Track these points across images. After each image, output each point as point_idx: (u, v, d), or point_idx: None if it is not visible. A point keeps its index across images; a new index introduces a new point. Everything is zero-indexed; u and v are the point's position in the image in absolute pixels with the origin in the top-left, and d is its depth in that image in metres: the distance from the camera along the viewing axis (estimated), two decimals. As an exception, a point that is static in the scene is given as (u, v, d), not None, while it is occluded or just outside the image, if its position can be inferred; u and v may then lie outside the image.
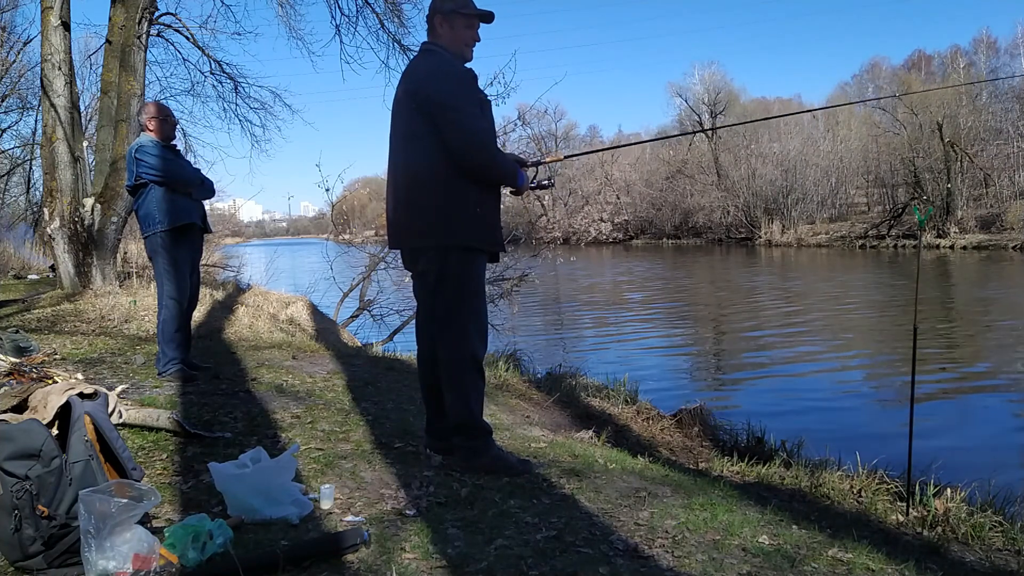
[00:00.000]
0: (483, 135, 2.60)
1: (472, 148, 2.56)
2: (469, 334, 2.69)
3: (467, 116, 2.56)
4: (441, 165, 2.57)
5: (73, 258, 8.03)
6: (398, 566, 1.91)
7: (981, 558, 2.41)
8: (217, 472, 2.27)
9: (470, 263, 2.67)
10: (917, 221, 3.24)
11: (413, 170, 2.66)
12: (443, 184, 2.58)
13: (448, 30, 2.68)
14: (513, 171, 2.73)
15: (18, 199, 23.25)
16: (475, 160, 2.57)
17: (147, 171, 4.07)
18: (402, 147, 2.70)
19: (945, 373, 8.27)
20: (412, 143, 2.65)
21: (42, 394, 2.08)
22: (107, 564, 1.73)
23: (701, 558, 2.06)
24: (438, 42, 2.70)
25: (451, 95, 2.57)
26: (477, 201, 2.61)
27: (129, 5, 8.07)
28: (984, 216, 34.03)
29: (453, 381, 2.69)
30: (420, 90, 2.60)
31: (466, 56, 2.73)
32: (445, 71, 2.61)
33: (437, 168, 2.58)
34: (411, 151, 2.66)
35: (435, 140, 2.56)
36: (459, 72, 2.63)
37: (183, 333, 4.23)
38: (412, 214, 2.66)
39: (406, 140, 2.68)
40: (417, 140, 2.62)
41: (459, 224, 2.59)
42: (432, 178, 2.60)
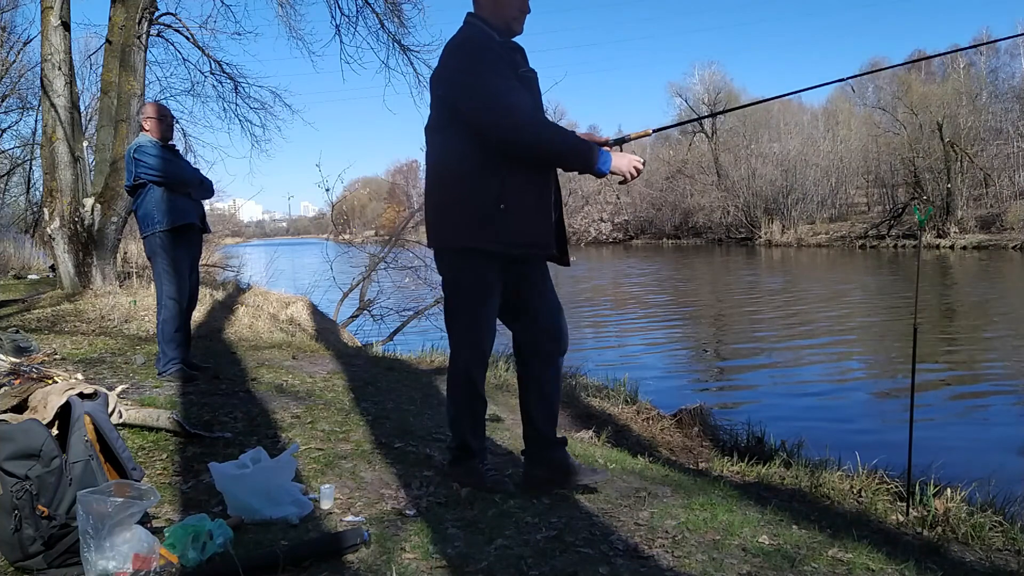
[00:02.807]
0: (513, 105, 2.21)
1: (502, 120, 2.19)
2: (459, 350, 2.46)
3: (490, 85, 2.21)
4: (457, 155, 2.31)
5: (73, 258, 8.03)
6: (398, 566, 1.91)
7: (981, 558, 2.41)
8: (217, 472, 2.27)
9: (470, 268, 2.36)
10: (917, 221, 3.24)
11: (431, 164, 2.45)
12: (459, 177, 2.30)
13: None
14: (579, 148, 2.26)
15: (18, 199, 23.27)
16: (509, 135, 2.20)
17: (146, 171, 4.07)
18: (427, 141, 2.46)
19: (945, 373, 8.26)
20: (432, 135, 2.42)
21: (42, 394, 2.08)
22: (107, 564, 1.73)
23: (701, 558, 2.06)
24: (480, 13, 2.38)
25: (469, 65, 2.24)
26: (500, 195, 2.24)
27: (129, 5, 8.07)
28: (984, 216, 34.03)
29: (448, 393, 2.55)
30: (439, 72, 2.34)
31: (513, 28, 2.39)
32: (466, 40, 2.32)
33: (454, 159, 2.32)
34: (431, 144, 2.44)
35: (455, 128, 2.29)
36: (483, 41, 2.29)
37: (183, 333, 4.24)
38: (428, 212, 2.44)
39: (428, 133, 2.45)
40: (436, 131, 2.39)
41: (472, 222, 2.28)
42: (448, 171, 2.35)
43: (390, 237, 10.75)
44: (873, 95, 48.16)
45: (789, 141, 46.16)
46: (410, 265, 10.12)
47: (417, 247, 10.27)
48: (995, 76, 42.41)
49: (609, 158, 2.28)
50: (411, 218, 10.60)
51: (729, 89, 54.96)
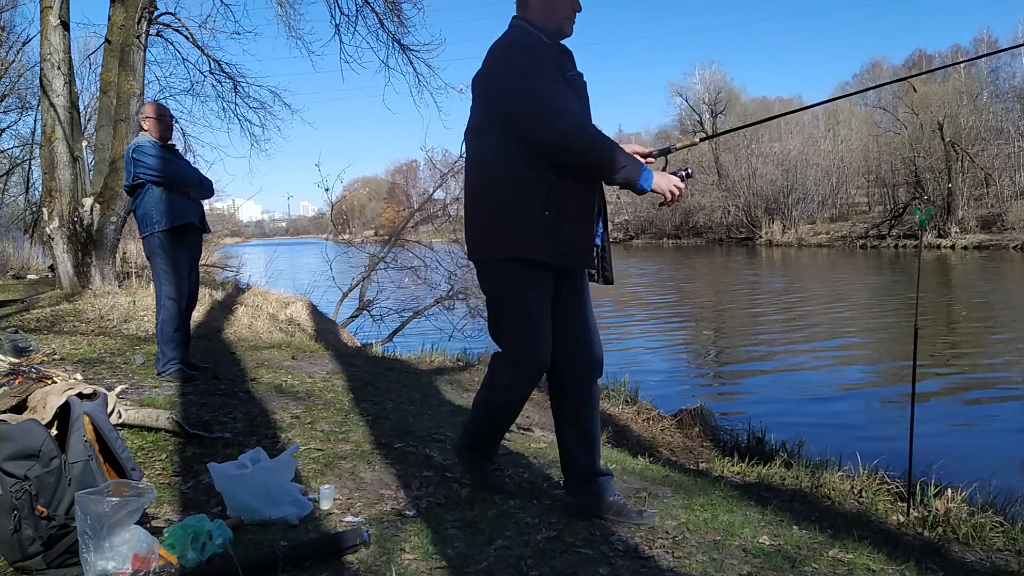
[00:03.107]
0: (562, 109, 2.11)
1: (551, 124, 2.09)
2: (508, 364, 2.27)
3: (538, 87, 2.11)
4: (501, 159, 2.20)
5: (72, 258, 8.02)
6: (398, 566, 1.91)
7: (982, 558, 2.40)
8: (216, 472, 2.27)
9: (515, 279, 2.21)
10: (918, 221, 3.24)
11: (472, 168, 2.34)
12: (503, 182, 2.19)
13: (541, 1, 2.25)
14: (624, 161, 2.16)
15: (17, 199, 23.27)
16: (556, 140, 2.10)
17: (144, 171, 4.06)
18: (468, 145, 2.36)
19: (946, 373, 8.26)
20: (473, 138, 2.31)
21: (41, 394, 2.07)
22: (106, 564, 1.73)
23: (701, 558, 2.06)
24: (527, 16, 2.27)
25: (517, 65, 2.14)
26: (545, 201, 2.13)
27: (128, 5, 8.07)
28: (985, 216, 34.03)
29: (484, 402, 2.38)
30: (484, 72, 2.24)
31: (563, 30, 2.29)
32: (514, 40, 2.22)
33: (497, 163, 2.20)
34: (472, 147, 2.33)
35: (499, 130, 2.18)
36: (532, 42, 2.18)
37: (182, 333, 4.23)
38: (470, 220, 2.33)
39: (469, 136, 2.33)
40: (478, 134, 2.29)
41: (517, 229, 2.16)
42: (491, 175, 2.23)
43: (390, 237, 10.74)
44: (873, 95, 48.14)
45: (790, 141, 46.18)
46: (410, 265, 10.11)
47: (417, 247, 10.27)
48: (996, 76, 42.41)
49: (651, 176, 2.22)
50: (411, 218, 10.59)
51: (729, 89, 54.99)
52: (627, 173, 2.18)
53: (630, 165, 2.17)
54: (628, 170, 2.18)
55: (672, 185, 2.27)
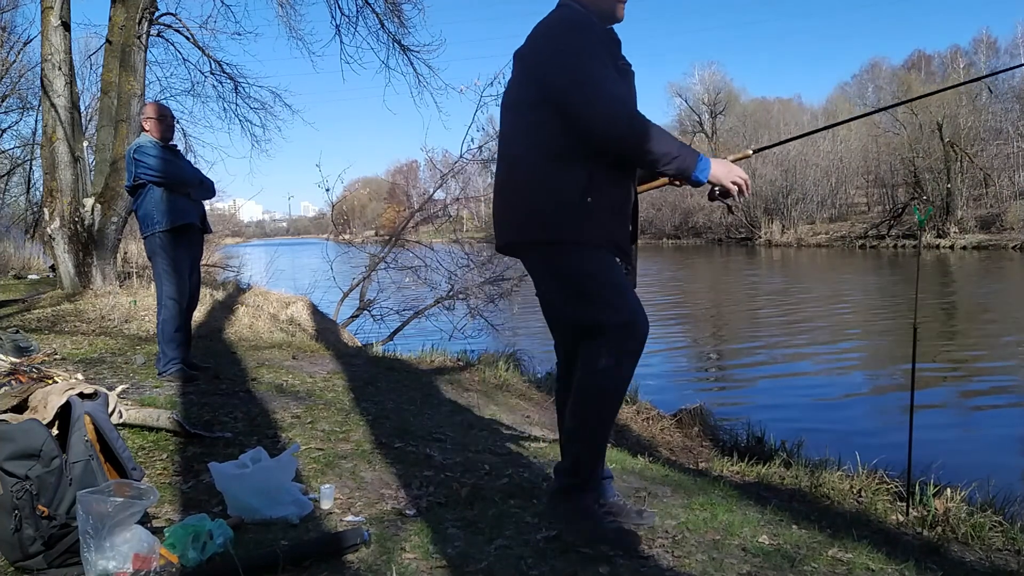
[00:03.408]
0: (612, 94, 1.94)
1: (599, 108, 1.92)
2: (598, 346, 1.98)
3: (588, 68, 1.95)
4: (541, 139, 2.02)
5: (73, 258, 8.03)
6: (398, 566, 1.91)
7: (981, 558, 2.41)
8: (217, 472, 2.27)
9: (585, 259, 2.03)
10: (917, 221, 3.23)
11: (506, 147, 2.16)
12: (541, 163, 2.02)
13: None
14: (678, 148, 1.97)
15: (18, 199, 23.27)
16: (603, 125, 1.94)
17: (145, 171, 4.07)
18: (504, 120, 2.17)
19: (945, 373, 8.26)
20: (510, 113, 2.14)
21: (42, 394, 2.08)
22: (107, 564, 1.73)
23: (701, 558, 2.06)
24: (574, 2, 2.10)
25: (567, 44, 1.98)
26: (587, 187, 1.98)
27: (129, 5, 8.08)
28: (984, 216, 34.06)
29: (588, 407, 2.03)
30: (531, 47, 2.08)
31: (615, 14, 2.12)
32: (564, 19, 2.06)
33: (537, 143, 2.03)
34: (509, 123, 2.15)
35: (541, 109, 2.01)
36: (586, 22, 2.03)
37: (183, 333, 4.24)
38: (505, 201, 2.14)
39: (506, 111, 2.15)
40: (516, 110, 2.11)
41: (560, 214, 2.01)
42: (529, 156, 2.06)
43: (390, 237, 10.74)
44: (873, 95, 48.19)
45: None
46: (410, 265, 10.11)
47: (417, 247, 10.27)
48: (995, 76, 42.40)
49: (708, 165, 2.00)
50: (411, 218, 10.59)
51: (729, 89, 55.02)
52: (680, 163, 1.97)
53: (684, 154, 1.97)
54: (681, 159, 1.97)
55: (736, 176, 2.03)
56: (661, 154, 1.95)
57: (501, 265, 9.43)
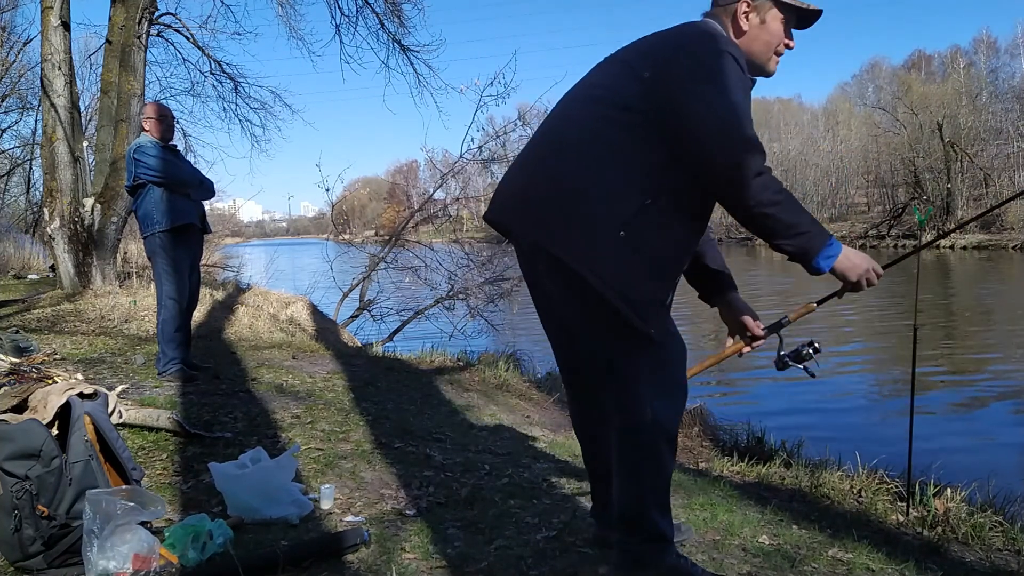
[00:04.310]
0: (752, 142, 1.64)
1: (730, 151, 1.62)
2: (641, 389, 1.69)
3: (734, 103, 1.64)
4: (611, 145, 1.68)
5: (73, 258, 8.03)
6: (398, 566, 1.91)
7: (981, 558, 2.41)
8: (217, 472, 2.27)
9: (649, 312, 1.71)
10: (917, 221, 3.24)
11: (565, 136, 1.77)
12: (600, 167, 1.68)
13: (756, 23, 1.79)
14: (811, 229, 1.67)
15: (18, 199, 23.28)
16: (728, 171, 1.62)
17: (145, 171, 4.07)
18: (569, 109, 1.82)
19: (945, 373, 8.26)
20: (589, 106, 1.76)
21: (42, 394, 2.08)
22: (107, 564, 1.73)
23: (701, 558, 2.06)
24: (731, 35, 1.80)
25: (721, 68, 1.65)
26: (630, 218, 1.63)
27: (129, 5, 8.08)
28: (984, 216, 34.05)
29: (624, 459, 1.75)
30: (660, 53, 1.73)
31: (765, 68, 1.85)
32: (720, 37, 1.74)
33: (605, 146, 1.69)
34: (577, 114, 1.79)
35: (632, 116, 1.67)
36: (742, 61, 1.70)
37: (183, 333, 4.24)
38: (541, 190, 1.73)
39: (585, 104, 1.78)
40: (597, 104, 1.74)
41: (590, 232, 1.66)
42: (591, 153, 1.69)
43: (390, 237, 10.74)
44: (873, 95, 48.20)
45: (789, 141, 46.25)
46: (410, 265, 10.11)
47: (417, 247, 10.27)
48: (995, 76, 42.48)
49: (838, 253, 1.69)
50: (411, 218, 10.59)
51: (729, 89, 54.91)
52: (806, 241, 1.66)
53: (814, 231, 1.66)
54: (808, 237, 1.65)
55: (870, 270, 1.75)
56: (788, 224, 1.65)
57: (501, 265, 9.43)
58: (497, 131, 9.64)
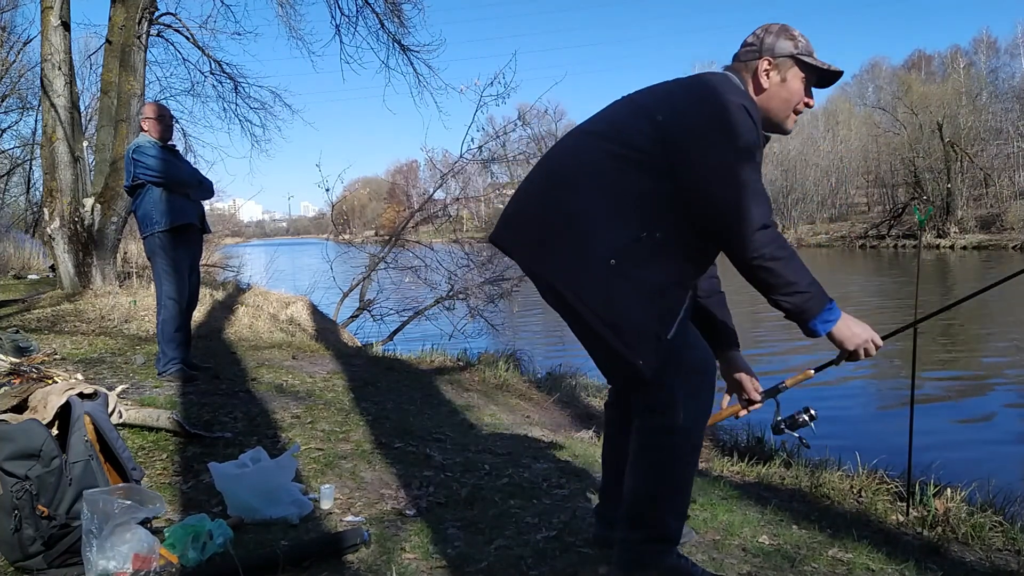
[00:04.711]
0: (762, 196, 1.67)
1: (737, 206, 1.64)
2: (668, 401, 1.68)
3: (744, 160, 1.67)
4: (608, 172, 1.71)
5: (73, 258, 8.03)
6: (398, 566, 1.91)
7: (981, 558, 2.41)
8: (217, 472, 2.27)
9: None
10: (917, 221, 3.23)
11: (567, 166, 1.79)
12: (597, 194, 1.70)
13: (776, 81, 1.81)
14: (811, 290, 1.69)
15: (18, 199, 23.29)
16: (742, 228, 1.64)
17: (144, 172, 4.07)
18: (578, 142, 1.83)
19: (945, 373, 8.27)
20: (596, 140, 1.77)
21: (42, 394, 2.08)
22: (107, 564, 1.73)
23: (701, 558, 2.06)
24: (749, 89, 1.81)
25: (731, 122, 1.67)
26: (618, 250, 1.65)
27: (129, 5, 8.08)
28: (984, 216, 34.09)
29: (646, 457, 1.73)
30: (674, 104, 1.74)
31: (783, 126, 1.86)
32: (738, 91, 1.76)
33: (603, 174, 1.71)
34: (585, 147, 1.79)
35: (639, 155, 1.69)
36: (755, 118, 1.71)
37: (183, 333, 4.24)
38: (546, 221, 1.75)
39: (590, 137, 1.80)
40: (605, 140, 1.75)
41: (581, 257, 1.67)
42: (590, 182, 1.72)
43: (390, 237, 10.73)
44: (873, 95, 48.21)
45: (789, 141, 46.19)
46: (410, 265, 10.11)
47: (417, 247, 10.27)
48: (995, 76, 42.53)
49: (837, 318, 1.74)
50: (411, 218, 10.59)
51: (729, 89, 54.94)
52: (804, 300, 1.68)
53: (814, 292, 1.69)
54: (807, 297, 1.68)
55: (869, 341, 1.78)
56: (788, 281, 1.67)
57: (501, 265, 9.43)
58: (497, 131, 9.65)
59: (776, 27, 1.85)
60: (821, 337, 1.76)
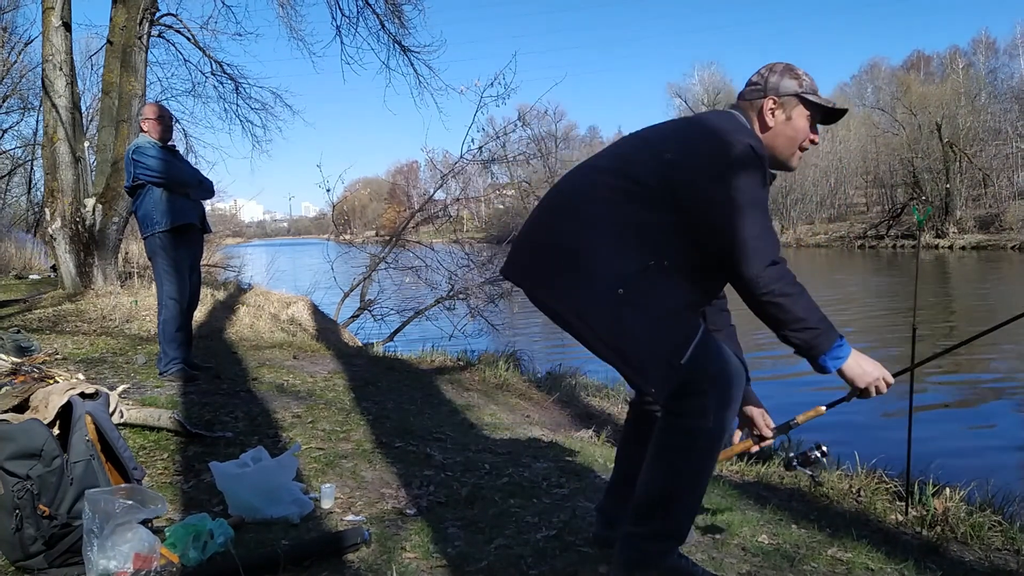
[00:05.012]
0: (771, 238, 1.71)
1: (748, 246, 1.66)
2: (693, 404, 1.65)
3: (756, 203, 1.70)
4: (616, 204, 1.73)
5: (74, 258, 8.04)
6: (398, 565, 1.92)
7: (980, 557, 2.41)
8: (218, 471, 2.28)
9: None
10: (916, 221, 3.24)
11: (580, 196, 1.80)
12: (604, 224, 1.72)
13: (782, 119, 1.84)
14: (820, 326, 1.71)
15: (19, 199, 23.30)
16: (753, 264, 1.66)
17: (144, 172, 4.08)
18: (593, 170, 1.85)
19: (944, 373, 8.27)
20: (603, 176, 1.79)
21: (43, 394, 2.08)
22: (108, 564, 1.74)
23: (701, 558, 2.07)
24: (754, 129, 1.83)
25: (742, 165, 1.69)
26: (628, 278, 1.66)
27: (130, 6, 8.09)
28: (983, 216, 34.09)
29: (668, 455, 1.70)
30: (685, 144, 1.77)
31: (788, 164, 1.89)
32: (747, 132, 1.79)
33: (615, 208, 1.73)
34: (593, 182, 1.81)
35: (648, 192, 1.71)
36: (763, 156, 1.74)
37: (184, 333, 4.24)
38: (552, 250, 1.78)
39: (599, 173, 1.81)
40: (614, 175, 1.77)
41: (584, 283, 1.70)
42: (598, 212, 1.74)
43: (391, 237, 10.74)
44: (872, 95, 48.22)
45: (789, 141, 46.24)
46: (411, 265, 10.11)
47: (418, 247, 10.28)
48: (994, 76, 42.55)
49: (847, 355, 1.75)
50: (412, 218, 10.59)
51: (729, 89, 54.92)
52: (813, 336, 1.70)
53: (823, 329, 1.71)
54: (816, 334, 1.70)
55: (881, 379, 1.81)
56: (797, 317, 1.69)
57: (501, 265, 9.42)
58: (497, 132, 9.65)
59: (780, 66, 1.89)
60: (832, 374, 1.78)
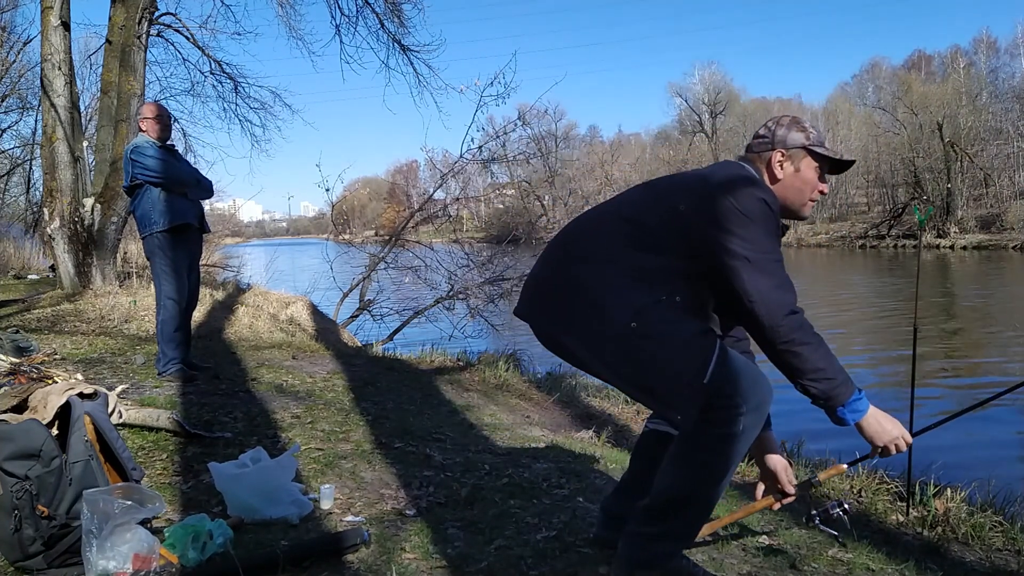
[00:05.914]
0: (788, 287, 1.73)
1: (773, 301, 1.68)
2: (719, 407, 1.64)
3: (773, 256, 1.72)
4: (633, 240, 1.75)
5: (73, 258, 8.03)
6: (398, 566, 1.91)
7: (981, 558, 2.41)
8: (217, 472, 2.27)
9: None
10: (917, 221, 3.23)
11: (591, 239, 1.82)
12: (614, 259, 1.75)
13: (790, 171, 1.86)
14: (838, 376, 1.74)
15: (18, 199, 23.30)
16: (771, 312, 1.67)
17: (142, 172, 4.07)
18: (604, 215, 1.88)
19: (945, 373, 8.27)
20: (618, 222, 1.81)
21: (42, 394, 2.08)
22: (107, 564, 1.73)
23: (701, 558, 2.06)
24: (763, 180, 1.85)
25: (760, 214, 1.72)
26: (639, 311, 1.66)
27: (129, 5, 8.08)
28: (984, 216, 34.10)
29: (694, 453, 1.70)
30: (704, 193, 1.76)
31: (800, 212, 1.91)
32: (760, 185, 1.80)
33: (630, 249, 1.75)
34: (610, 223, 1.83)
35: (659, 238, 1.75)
36: (776, 207, 1.77)
37: (183, 333, 4.24)
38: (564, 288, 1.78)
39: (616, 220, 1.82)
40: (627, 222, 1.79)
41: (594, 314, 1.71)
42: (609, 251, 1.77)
43: (390, 237, 10.73)
44: (873, 95, 48.23)
45: (789, 141, 46.23)
46: (410, 265, 10.10)
47: (417, 247, 10.27)
48: (995, 76, 42.55)
49: (865, 409, 1.79)
50: (411, 218, 10.58)
51: (729, 89, 55.03)
52: (831, 387, 1.73)
53: (841, 380, 1.73)
54: (834, 384, 1.73)
55: (898, 437, 1.85)
56: (816, 367, 1.71)
57: (501, 265, 9.42)
58: (497, 131, 9.64)
59: (786, 120, 1.92)
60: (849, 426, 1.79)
